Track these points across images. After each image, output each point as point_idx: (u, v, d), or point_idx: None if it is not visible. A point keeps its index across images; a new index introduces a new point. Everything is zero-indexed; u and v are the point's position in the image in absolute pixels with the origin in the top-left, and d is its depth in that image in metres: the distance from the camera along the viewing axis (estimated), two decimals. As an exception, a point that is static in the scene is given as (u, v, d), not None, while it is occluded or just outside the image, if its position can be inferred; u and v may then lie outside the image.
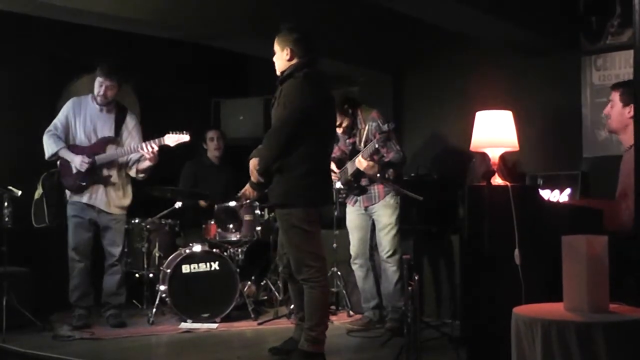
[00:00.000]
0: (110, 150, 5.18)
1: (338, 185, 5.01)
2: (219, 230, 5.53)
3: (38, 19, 5.19)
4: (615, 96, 3.73)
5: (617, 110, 3.71)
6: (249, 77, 7.64)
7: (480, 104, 4.02)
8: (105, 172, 5.16)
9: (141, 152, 5.12)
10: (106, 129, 5.23)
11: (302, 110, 3.84)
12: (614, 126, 3.74)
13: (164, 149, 5.18)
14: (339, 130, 4.88)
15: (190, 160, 6.35)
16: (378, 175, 4.78)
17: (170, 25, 5.33)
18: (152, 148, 5.09)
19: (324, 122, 4.02)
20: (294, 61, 3.96)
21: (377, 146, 4.62)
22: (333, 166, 4.89)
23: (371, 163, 4.73)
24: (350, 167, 4.92)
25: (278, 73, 4.04)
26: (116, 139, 5.23)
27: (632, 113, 3.56)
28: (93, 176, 5.11)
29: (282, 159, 3.86)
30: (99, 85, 5.16)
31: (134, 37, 5.72)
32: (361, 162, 4.72)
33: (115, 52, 6.10)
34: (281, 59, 4.01)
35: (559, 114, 5.71)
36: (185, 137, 5.23)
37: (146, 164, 5.20)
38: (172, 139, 5.18)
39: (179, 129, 5.20)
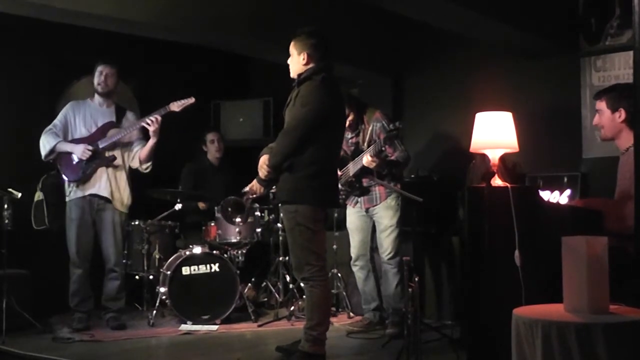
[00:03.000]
0: (112, 133, 5.18)
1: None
2: (220, 230, 5.50)
3: (38, 21, 5.18)
4: (602, 105, 3.70)
5: (607, 118, 3.68)
6: (249, 79, 7.65)
7: (480, 106, 4.01)
8: (108, 153, 5.15)
9: (145, 125, 5.09)
10: (107, 120, 5.24)
11: (317, 111, 3.88)
12: (608, 134, 3.72)
13: (169, 116, 5.13)
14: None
15: (190, 162, 6.35)
16: (384, 172, 4.79)
17: (169, 27, 5.33)
18: (157, 118, 5.08)
19: (336, 126, 4.08)
20: (311, 65, 3.99)
21: (383, 145, 4.63)
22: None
23: (377, 160, 4.73)
24: (352, 167, 4.92)
25: (293, 76, 4.06)
26: (117, 124, 5.23)
27: (622, 117, 3.61)
28: (96, 160, 5.10)
29: (293, 157, 3.89)
30: (99, 74, 5.19)
31: (133, 39, 5.72)
32: (369, 159, 4.72)
33: (115, 54, 6.09)
34: (297, 63, 4.03)
35: (558, 115, 5.70)
36: (190, 100, 5.17)
37: (148, 147, 5.18)
38: (177, 105, 5.15)
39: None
